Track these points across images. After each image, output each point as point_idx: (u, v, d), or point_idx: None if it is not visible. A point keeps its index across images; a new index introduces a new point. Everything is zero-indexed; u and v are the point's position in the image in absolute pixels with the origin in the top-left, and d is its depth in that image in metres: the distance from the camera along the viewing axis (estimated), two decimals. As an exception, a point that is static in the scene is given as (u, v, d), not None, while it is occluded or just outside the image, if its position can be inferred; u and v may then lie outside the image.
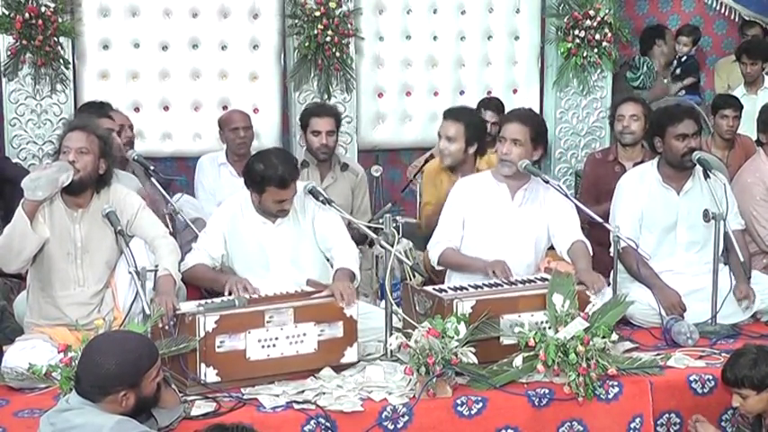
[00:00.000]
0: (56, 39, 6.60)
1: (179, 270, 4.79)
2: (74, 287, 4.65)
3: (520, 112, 5.38)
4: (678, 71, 8.59)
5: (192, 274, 4.93)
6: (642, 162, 5.95)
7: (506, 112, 5.51)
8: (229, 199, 5.20)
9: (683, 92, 8.51)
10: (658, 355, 4.72)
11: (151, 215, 4.88)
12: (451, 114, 5.87)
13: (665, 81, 8.38)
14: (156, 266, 4.59)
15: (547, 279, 4.70)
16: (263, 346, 4.29)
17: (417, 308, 4.62)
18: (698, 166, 5.34)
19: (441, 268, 5.29)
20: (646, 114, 6.12)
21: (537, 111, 7.55)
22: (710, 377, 4.53)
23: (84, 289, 4.66)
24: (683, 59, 8.56)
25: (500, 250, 5.07)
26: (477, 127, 5.86)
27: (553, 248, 5.25)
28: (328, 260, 5.01)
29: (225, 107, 7.17)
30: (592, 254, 5.09)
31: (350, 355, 4.49)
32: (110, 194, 4.72)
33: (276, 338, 4.32)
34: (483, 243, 5.15)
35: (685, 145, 5.29)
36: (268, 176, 4.82)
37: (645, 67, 8.20)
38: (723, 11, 8.81)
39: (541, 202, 5.19)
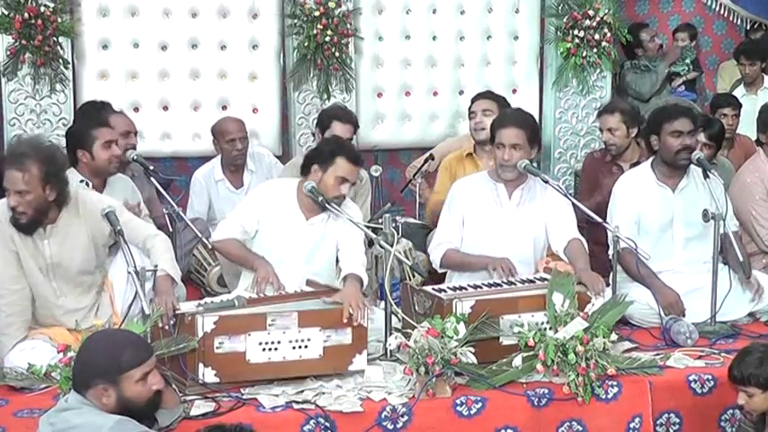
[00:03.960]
0: (55, 39, 6.60)
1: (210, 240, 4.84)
2: (54, 298, 4.60)
3: (514, 115, 5.36)
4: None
5: (224, 246, 4.92)
6: (639, 162, 5.96)
7: (498, 116, 5.49)
8: (274, 181, 5.21)
9: (682, 87, 8.53)
10: (658, 354, 4.72)
11: (133, 217, 4.82)
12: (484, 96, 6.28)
13: (654, 79, 8.38)
14: (156, 267, 4.55)
15: (547, 279, 4.70)
16: (263, 349, 4.23)
17: (417, 308, 4.62)
18: (697, 166, 5.36)
19: (443, 270, 5.29)
20: (626, 122, 6.15)
21: (536, 111, 7.58)
22: (710, 377, 4.53)
23: (65, 299, 4.61)
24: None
25: (499, 250, 5.06)
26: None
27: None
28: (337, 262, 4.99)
29: (224, 107, 7.18)
30: (590, 253, 5.09)
31: (358, 362, 4.38)
32: (79, 205, 4.59)
33: (278, 342, 4.25)
34: (482, 243, 5.14)
35: (680, 142, 5.31)
36: (340, 145, 4.96)
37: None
38: (723, 11, 8.82)
39: (539, 201, 5.19)
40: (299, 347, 4.28)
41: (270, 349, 4.25)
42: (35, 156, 4.39)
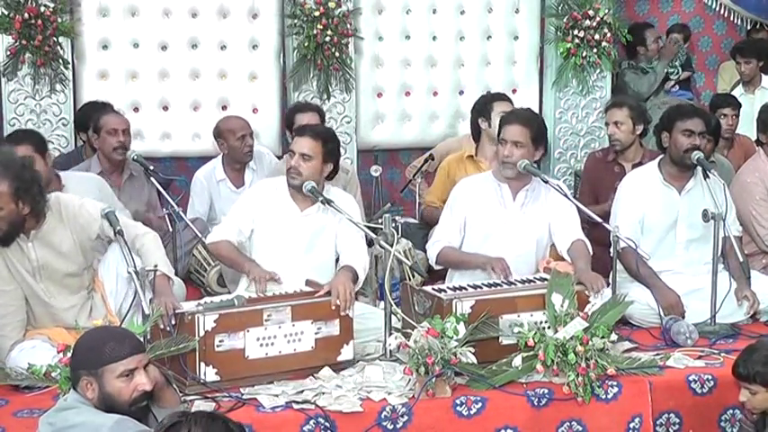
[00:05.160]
0: (55, 39, 6.60)
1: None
2: (46, 297, 4.59)
3: (520, 113, 5.35)
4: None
5: (217, 248, 4.96)
6: (641, 163, 5.96)
7: (505, 113, 5.49)
8: (264, 180, 5.27)
9: (677, 87, 8.54)
10: (657, 354, 4.72)
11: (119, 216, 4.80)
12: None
13: (653, 80, 8.39)
14: (156, 267, 4.53)
15: (546, 279, 4.70)
16: (261, 345, 4.29)
17: (416, 308, 4.62)
18: (697, 165, 5.36)
19: (439, 267, 5.29)
20: (633, 117, 6.16)
21: (536, 111, 7.57)
22: (710, 377, 4.53)
23: (55, 299, 4.60)
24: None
25: (502, 251, 5.06)
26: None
27: (554, 248, 5.26)
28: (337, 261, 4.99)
29: (224, 107, 7.18)
30: (592, 254, 5.09)
31: (346, 352, 4.48)
32: (62, 210, 4.57)
33: (274, 337, 4.32)
34: (485, 244, 5.14)
35: (690, 141, 5.32)
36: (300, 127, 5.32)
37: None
38: (723, 12, 8.83)
39: (543, 202, 5.19)
40: (294, 341, 4.37)
41: (267, 344, 4.31)
42: (4, 172, 4.34)
